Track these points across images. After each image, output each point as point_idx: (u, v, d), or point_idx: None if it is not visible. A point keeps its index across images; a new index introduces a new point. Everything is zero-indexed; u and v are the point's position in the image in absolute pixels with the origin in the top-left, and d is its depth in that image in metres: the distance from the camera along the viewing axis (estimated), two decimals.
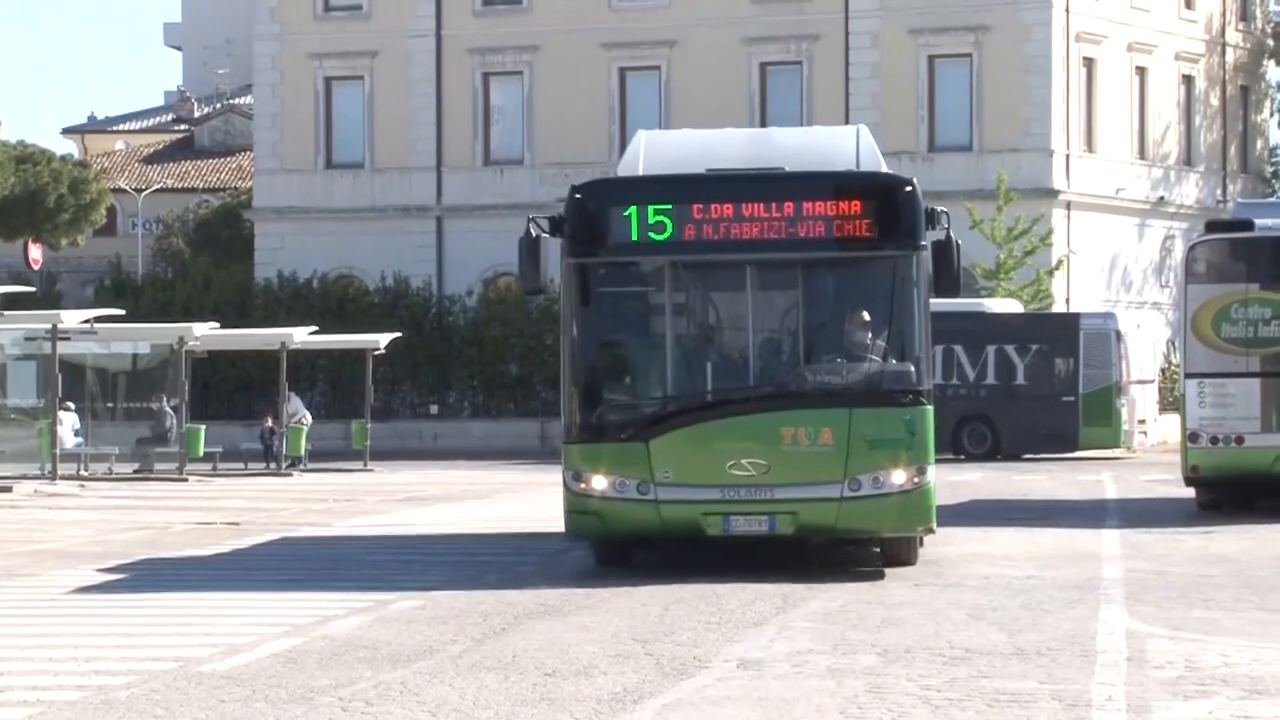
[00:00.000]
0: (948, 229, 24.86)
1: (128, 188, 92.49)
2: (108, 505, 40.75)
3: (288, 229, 75.84)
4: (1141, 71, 75.51)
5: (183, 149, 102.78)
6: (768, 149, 29.10)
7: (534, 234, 24.64)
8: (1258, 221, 35.45)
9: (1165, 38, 76.64)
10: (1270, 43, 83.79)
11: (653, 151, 26.98)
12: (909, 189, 24.81)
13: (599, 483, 24.41)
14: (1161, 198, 75.58)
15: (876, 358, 24.89)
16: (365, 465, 55.57)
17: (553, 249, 25.77)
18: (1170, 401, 55.40)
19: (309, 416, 57.53)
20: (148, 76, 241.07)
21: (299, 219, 75.29)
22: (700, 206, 24.72)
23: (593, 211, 25.10)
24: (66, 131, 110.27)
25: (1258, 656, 18.05)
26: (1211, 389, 34.44)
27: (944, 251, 24.69)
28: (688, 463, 24.45)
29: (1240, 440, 33.86)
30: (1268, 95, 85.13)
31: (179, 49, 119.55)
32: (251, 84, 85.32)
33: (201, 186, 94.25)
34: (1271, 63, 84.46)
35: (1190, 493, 35.01)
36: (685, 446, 24.59)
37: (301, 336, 55.58)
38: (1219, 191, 76.94)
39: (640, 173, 26.36)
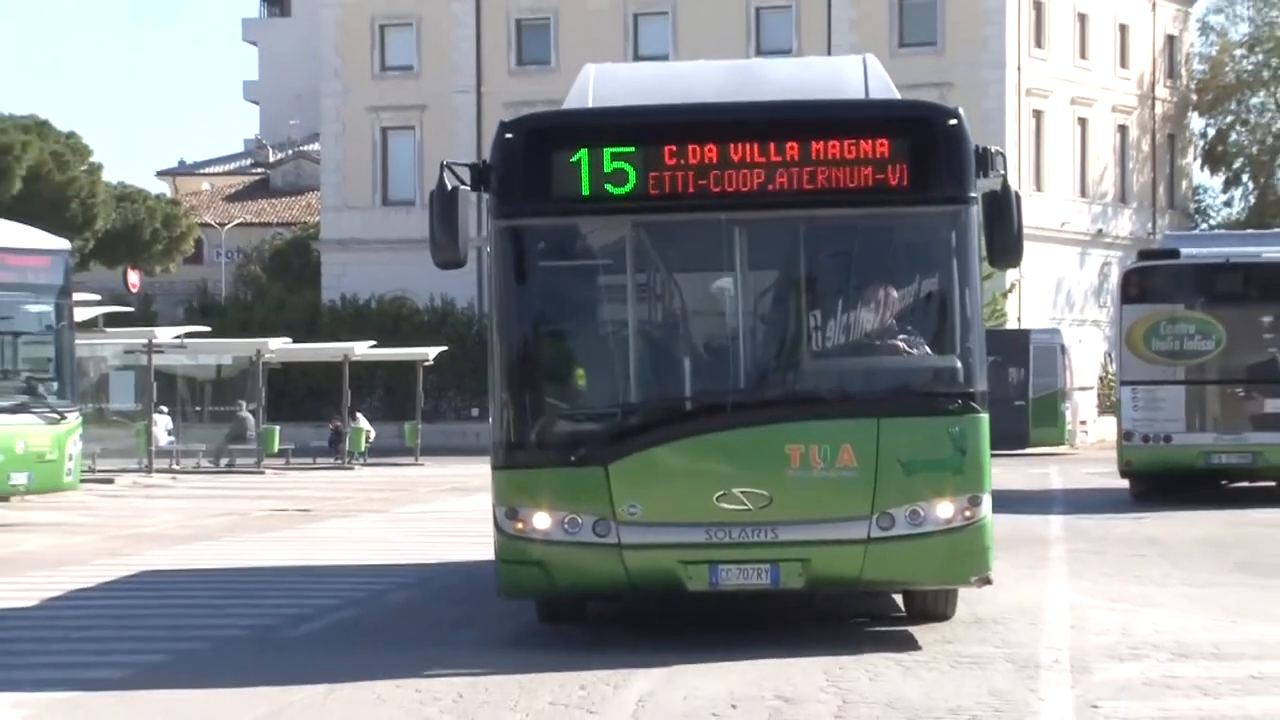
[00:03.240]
0: (1004, 176, 15.53)
1: (213, 222, 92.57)
2: (196, 495, 40.77)
3: (349, 258, 76.03)
4: (1083, 121, 75.56)
5: (259, 189, 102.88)
6: (753, 83, 18.07)
7: (449, 186, 15.21)
8: (1183, 251, 35.98)
9: (1104, 93, 76.63)
10: (1193, 97, 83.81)
11: (604, 88, 17.08)
12: (954, 122, 15.43)
13: (541, 521, 15.18)
14: (1100, 230, 75.66)
15: (913, 350, 15.60)
16: (416, 460, 55.78)
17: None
18: (1107, 405, 55.36)
19: (373, 432, 57.67)
20: (230, 127, 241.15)
21: (359, 249, 75.47)
22: (674, 149, 15.18)
23: (528, 156, 15.42)
24: (160, 174, 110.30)
25: (1183, 625, 18.04)
26: (1143, 395, 34.58)
27: (1000, 206, 15.36)
28: (662, 493, 15.17)
29: (1168, 439, 34.05)
30: (1191, 142, 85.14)
31: (256, 103, 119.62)
32: (318, 133, 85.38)
33: (275, 221, 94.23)
34: (1194, 114, 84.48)
35: (1125, 484, 35.13)
36: (658, 472, 15.22)
37: (361, 350, 55.90)
38: (1149, 225, 76.93)
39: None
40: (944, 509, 15.17)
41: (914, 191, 15.41)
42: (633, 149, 15.24)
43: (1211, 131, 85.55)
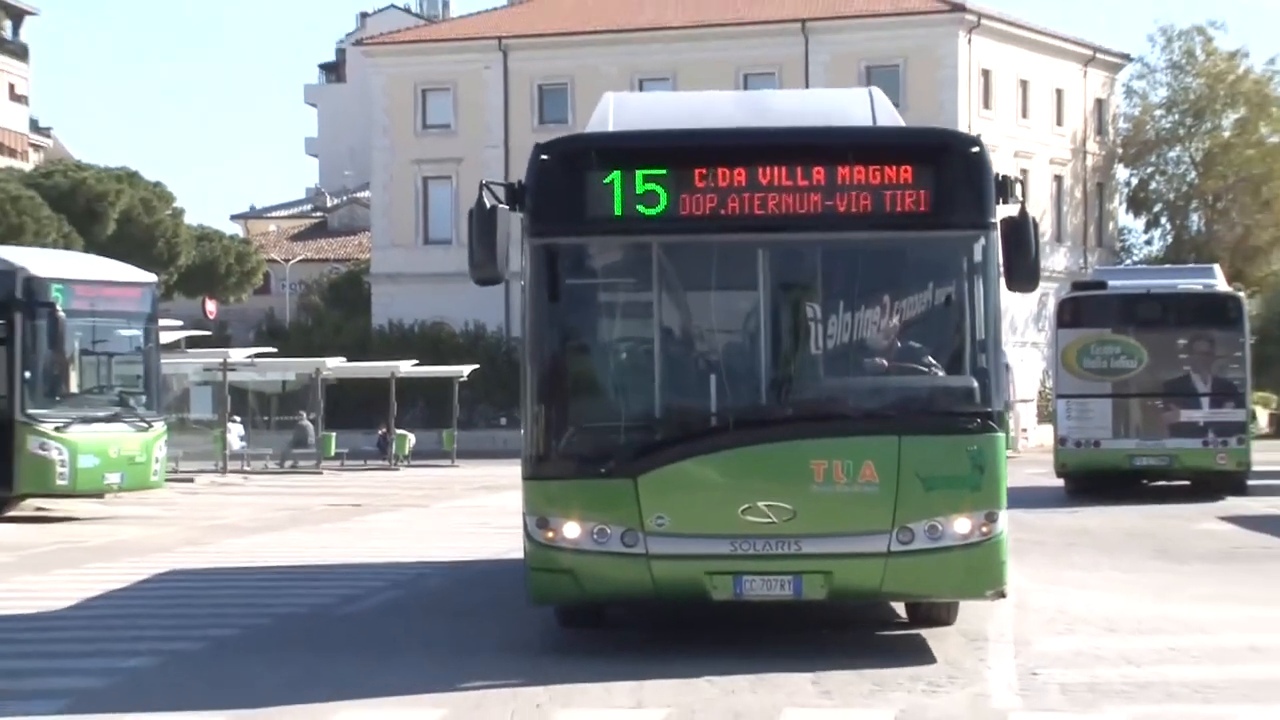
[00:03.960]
0: (1023, 203, 14.17)
1: (278, 259, 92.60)
2: (264, 492, 40.81)
3: (396, 289, 75.97)
4: (1024, 172, 75.29)
5: (318, 230, 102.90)
6: (762, 112, 16.91)
7: (488, 205, 13.91)
8: (1110, 283, 36.54)
9: (1042, 147, 76.60)
10: (1119, 151, 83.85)
11: (624, 114, 15.85)
12: (976, 150, 14.06)
13: (571, 531, 13.78)
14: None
15: (934, 370, 14.13)
16: (453, 462, 55.69)
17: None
18: (1045, 415, 55.28)
19: (414, 438, 57.66)
20: (293, 177, 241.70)
21: (404, 281, 75.38)
22: (704, 172, 13.83)
23: (563, 177, 14.12)
24: (234, 217, 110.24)
25: (1111, 604, 18.06)
26: (1076, 406, 34.78)
27: (1018, 231, 13.99)
28: (689, 506, 13.70)
29: (1098, 444, 34.28)
30: (1117, 190, 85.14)
31: (316, 156, 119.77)
32: (369, 182, 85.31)
33: (332, 258, 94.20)
34: (1120, 166, 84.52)
35: (1060, 483, 35.21)
36: (685, 485, 13.74)
37: (406, 368, 56.02)
38: (1081, 261, 76.79)
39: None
40: (962, 524, 13.66)
41: (936, 216, 13.80)
42: (664, 171, 13.75)
43: (1135, 180, 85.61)
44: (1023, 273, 13.93)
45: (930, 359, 13.93)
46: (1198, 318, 35.04)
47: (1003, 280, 14.10)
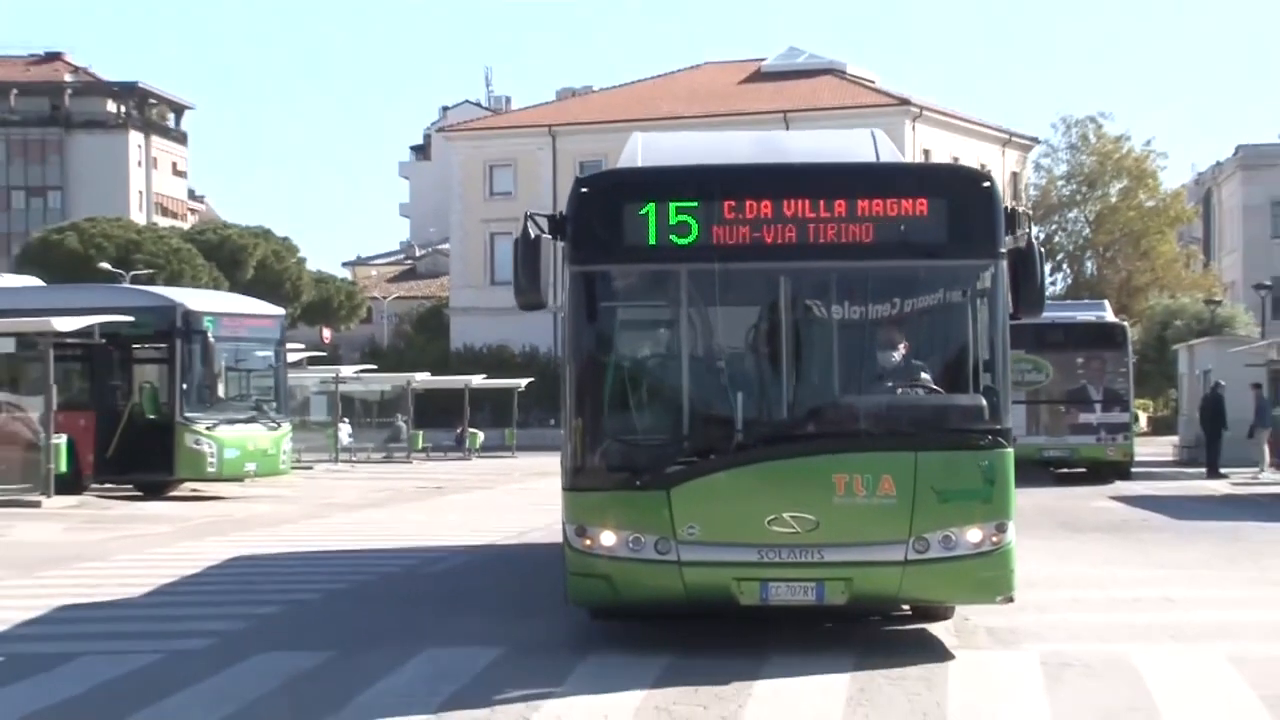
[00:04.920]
0: (1029, 234, 12.61)
1: (378, 296, 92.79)
2: (367, 478, 40.83)
3: (469, 319, 76.11)
4: None
5: (409, 274, 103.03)
6: (777, 150, 14.99)
7: (533, 235, 12.47)
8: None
9: None
10: (1030, 211, 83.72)
11: (651, 152, 13.92)
12: (986, 184, 12.39)
13: (608, 539, 11.96)
14: None
15: (947, 389, 12.30)
16: (513, 454, 55.73)
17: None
18: None
19: (483, 435, 57.71)
20: (390, 233, 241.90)
21: (475, 314, 75.52)
22: (733, 204, 12.14)
23: (601, 209, 12.39)
24: (344, 264, 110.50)
25: (1027, 566, 17.77)
26: None
27: (1025, 262, 12.40)
28: (718, 516, 11.88)
29: (1015, 440, 33.96)
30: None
31: (408, 217, 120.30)
32: (448, 237, 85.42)
33: (419, 295, 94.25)
34: (1032, 226, 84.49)
35: None
36: (715, 497, 11.90)
37: (477, 381, 56.15)
38: None
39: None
40: (973, 534, 11.73)
41: (950, 246, 11.98)
42: (695, 203, 11.91)
43: (1042, 235, 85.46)
44: (1030, 299, 12.22)
45: (943, 379, 12.10)
46: (1092, 342, 35.05)
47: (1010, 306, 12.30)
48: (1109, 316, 37.55)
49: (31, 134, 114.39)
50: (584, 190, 12.23)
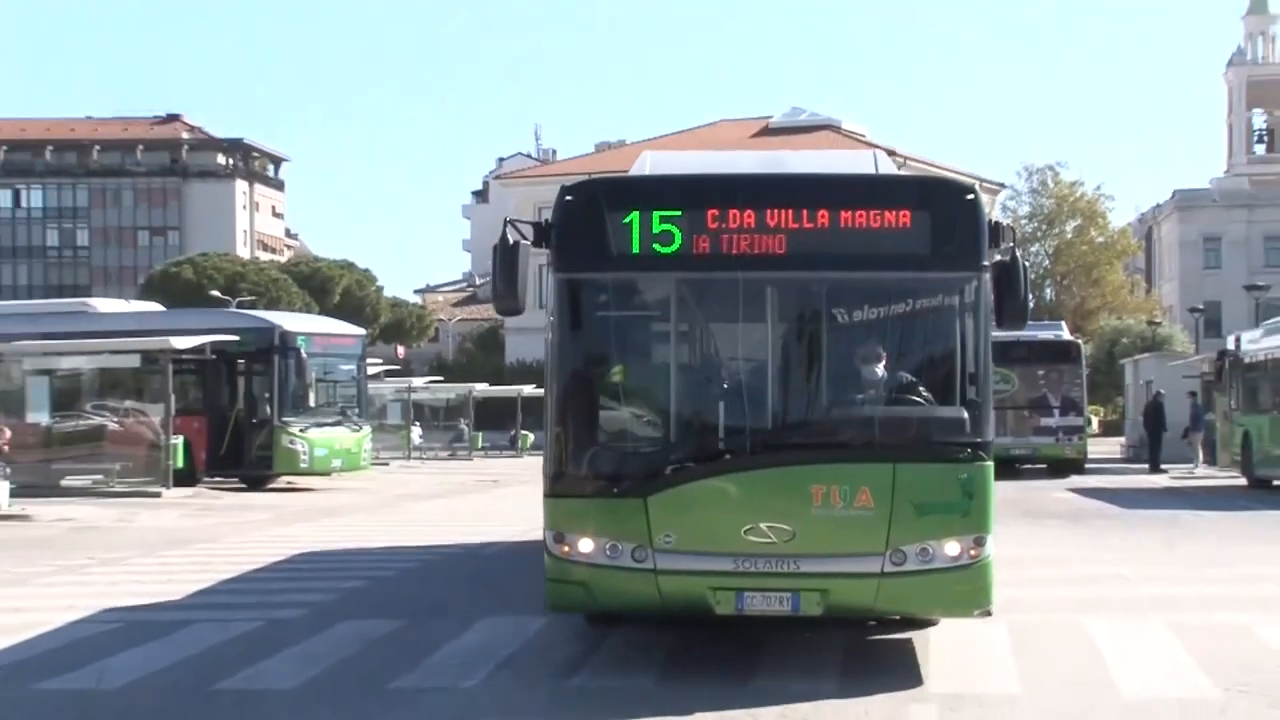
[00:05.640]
0: (1013, 247, 10.80)
1: (444, 318, 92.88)
2: (435, 473, 40.83)
3: (521, 338, 75.41)
4: None
5: (471, 299, 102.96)
6: (781, 168, 12.42)
7: (512, 241, 10.71)
8: (994, 333, 35.89)
9: None
10: (1014, 226, 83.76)
11: (659, 168, 11.90)
12: (970, 197, 10.48)
13: (586, 546, 10.18)
14: None
15: (928, 401, 10.46)
16: None
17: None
18: None
19: (533, 436, 57.80)
20: (454, 265, 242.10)
21: (527, 333, 74.48)
22: (716, 213, 10.35)
23: (586, 217, 10.50)
24: (416, 291, 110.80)
25: (999, 546, 17.85)
26: None
27: (1008, 274, 10.65)
28: (694, 525, 10.09)
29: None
30: None
31: (469, 251, 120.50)
32: None
33: (480, 318, 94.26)
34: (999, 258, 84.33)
35: None
36: (692, 505, 10.12)
37: (528, 390, 55.88)
38: None
39: None
40: (951, 547, 9.86)
41: (933, 258, 10.07)
42: (679, 212, 10.06)
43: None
44: (1013, 312, 10.41)
45: (924, 391, 10.23)
46: (1051, 357, 34.86)
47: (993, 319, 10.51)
48: (1065, 335, 37.40)
49: (154, 183, 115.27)
50: (568, 198, 10.28)
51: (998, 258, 10.17)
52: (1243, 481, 29.52)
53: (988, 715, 9.04)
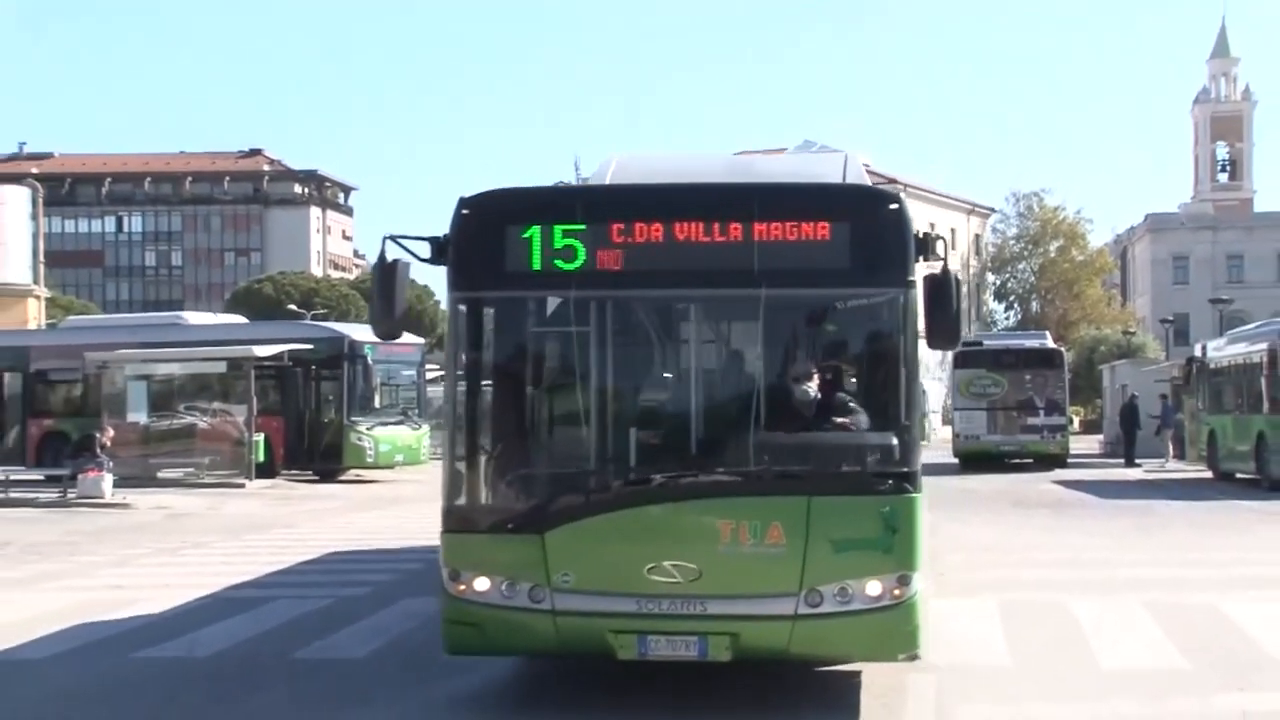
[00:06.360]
0: (944, 260, 8.10)
1: None
2: None
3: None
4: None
5: None
6: (743, 173, 9.97)
7: (390, 259, 8.18)
8: (984, 342, 36.52)
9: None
10: (989, 264, 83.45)
11: (621, 173, 9.75)
12: (894, 206, 7.94)
13: (481, 584, 7.97)
14: None
15: (849, 429, 8.15)
16: None
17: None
18: (947, 419, 54.72)
19: None
20: None
21: None
22: (621, 227, 7.89)
23: (484, 231, 8.08)
24: None
25: (987, 533, 17.83)
26: (965, 415, 34.50)
27: (939, 290, 8.03)
28: (594, 564, 7.82)
29: (978, 438, 34.00)
30: (987, 287, 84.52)
31: None
32: None
33: None
34: (989, 273, 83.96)
35: (956, 461, 34.70)
36: (592, 542, 7.83)
37: None
38: (967, 330, 75.70)
39: None
40: (873, 587, 7.75)
41: (855, 273, 7.93)
42: (582, 226, 7.93)
43: (998, 282, 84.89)
44: (943, 331, 8.07)
45: (844, 418, 8.21)
46: (1037, 363, 34.75)
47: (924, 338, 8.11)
48: (1049, 344, 37.29)
49: (239, 210, 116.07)
50: (465, 211, 8.14)
51: (929, 272, 7.94)
52: (1209, 474, 29.35)
53: (980, 684, 8.98)
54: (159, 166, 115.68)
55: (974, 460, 33.91)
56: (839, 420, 8.13)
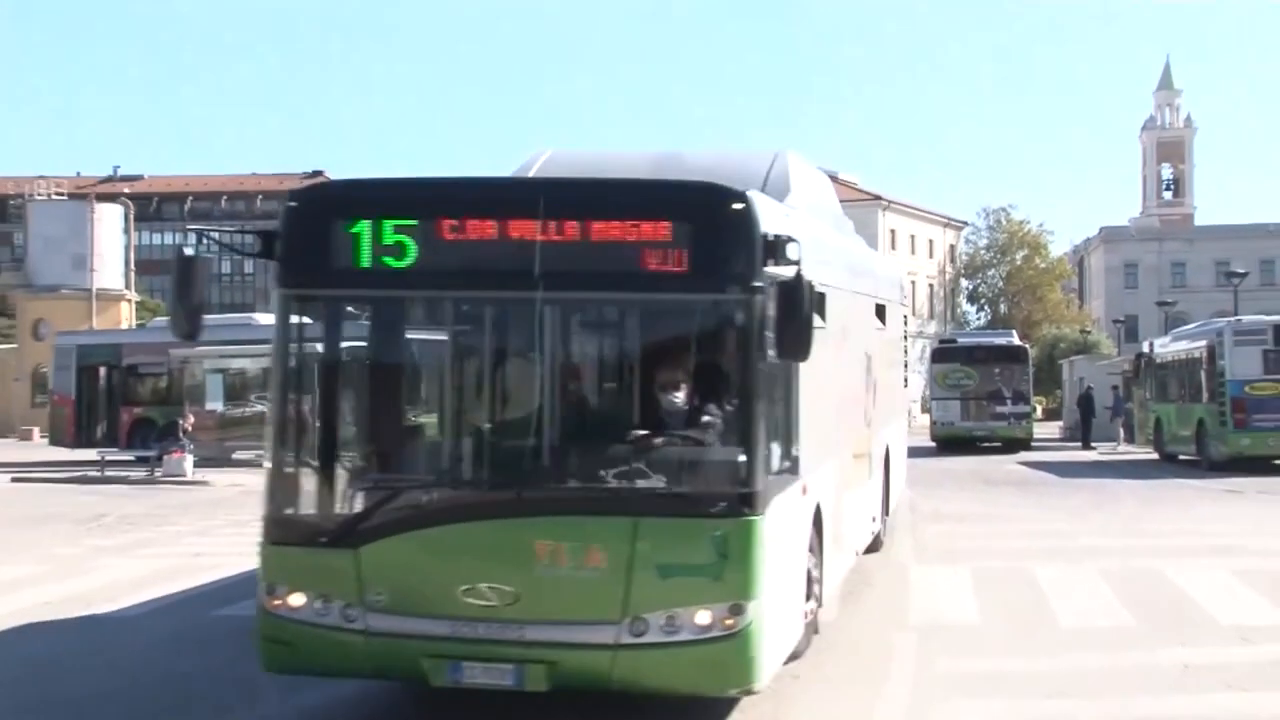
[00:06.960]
0: (798, 265, 5.89)
1: None
2: None
3: None
4: (914, 284, 74.77)
5: None
6: (667, 170, 7.17)
7: (188, 255, 6.34)
8: (958, 339, 36.48)
9: (922, 270, 75.89)
10: (963, 270, 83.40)
11: (547, 168, 8.25)
12: (738, 206, 5.90)
13: (296, 600, 6.24)
14: (920, 331, 74.71)
15: (683, 444, 6.29)
16: None
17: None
18: (925, 408, 54.64)
19: None
20: None
21: None
22: (452, 224, 5.99)
23: (312, 226, 6.28)
24: None
25: (961, 507, 17.82)
26: (941, 404, 34.36)
27: (789, 297, 5.90)
28: (408, 583, 6.11)
29: (953, 424, 33.86)
30: (962, 291, 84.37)
31: None
32: None
33: None
34: (963, 279, 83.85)
35: (933, 445, 34.65)
36: (405, 560, 6.11)
37: None
38: (943, 328, 75.59)
39: None
40: (702, 616, 6.11)
41: (694, 277, 6.18)
42: (413, 222, 6.41)
43: (970, 286, 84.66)
44: (790, 341, 6.26)
45: (680, 433, 6.64)
46: (1004, 358, 34.68)
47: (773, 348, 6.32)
48: (1016, 341, 37.34)
49: None
50: (293, 204, 6.76)
51: (782, 277, 6.24)
52: (1155, 456, 29.34)
53: (955, 640, 9.00)
54: (233, 186, 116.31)
55: (949, 444, 33.80)
56: (679, 435, 6.59)
